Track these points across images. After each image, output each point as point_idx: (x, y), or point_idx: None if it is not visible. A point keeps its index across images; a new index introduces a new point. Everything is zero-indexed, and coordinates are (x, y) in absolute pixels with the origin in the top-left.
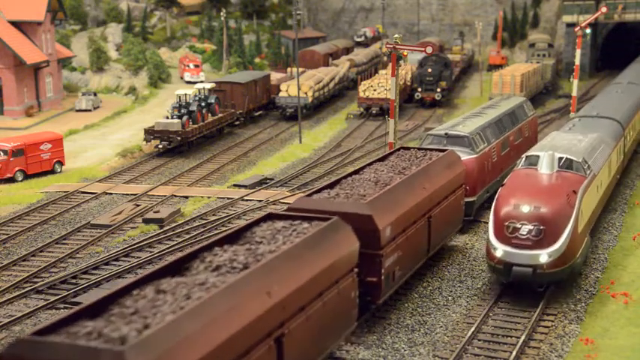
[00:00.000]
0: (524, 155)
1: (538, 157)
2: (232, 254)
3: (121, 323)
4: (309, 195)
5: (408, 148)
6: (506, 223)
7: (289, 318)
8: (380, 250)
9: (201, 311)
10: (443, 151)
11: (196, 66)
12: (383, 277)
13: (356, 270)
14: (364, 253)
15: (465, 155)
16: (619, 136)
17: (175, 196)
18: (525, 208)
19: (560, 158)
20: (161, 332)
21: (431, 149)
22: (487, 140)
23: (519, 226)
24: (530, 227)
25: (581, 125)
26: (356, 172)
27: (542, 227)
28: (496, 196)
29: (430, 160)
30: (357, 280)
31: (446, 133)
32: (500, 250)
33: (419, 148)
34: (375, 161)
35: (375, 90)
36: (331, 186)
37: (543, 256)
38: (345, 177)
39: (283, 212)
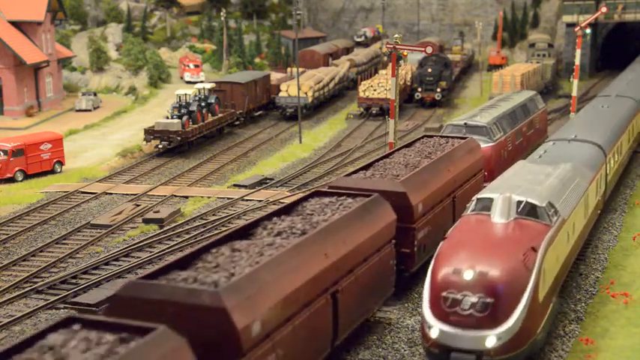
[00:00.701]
0: (475, 197)
1: (491, 200)
2: (290, 222)
3: (209, 273)
4: (348, 175)
5: (431, 136)
6: (444, 294)
7: (342, 277)
8: (413, 224)
9: (273, 265)
10: (463, 138)
11: (196, 66)
12: (416, 249)
13: (394, 241)
14: (399, 227)
15: (483, 143)
16: (599, 164)
17: (175, 196)
18: (468, 274)
19: (519, 202)
20: (244, 280)
21: (452, 137)
22: (503, 130)
23: (460, 297)
24: (474, 299)
25: (554, 151)
26: (386, 156)
27: (489, 300)
28: (435, 254)
29: (452, 147)
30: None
31: (465, 123)
32: (435, 328)
33: (441, 136)
34: (401, 147)
35: (375, 90)
36: (366, 168)
37: (490, 338)
38: (376, 161)
39: (328, 190)
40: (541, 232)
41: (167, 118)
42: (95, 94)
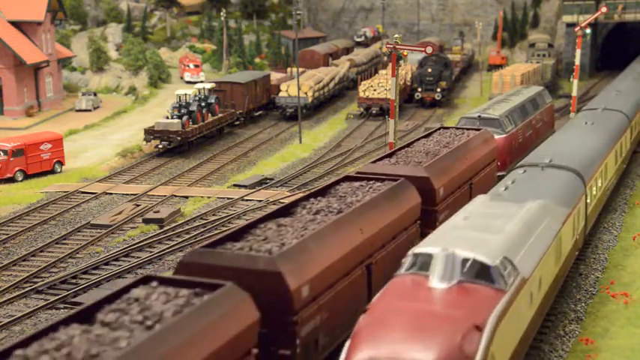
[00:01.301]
0: (411, 252)
1: (430, 256)
2: (327, 203)
3: (261, 243)
4: (374, 162)
5: (447, 128)
6: None
7: (375, 251)
8: (435, 207)
9: (317, 238)
10: (478, 130)
11: (196, 66)
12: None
13: (419, 222)
14: (423, 209)
15: (496, 135)
16: (577, 196)
17: (175, 196)
18: None
19: (465, 260)
20: (294, 249)
21: (467, 128)
22: (514, 122)
23: None
24: None
25: (523, 182)
26: (406, 145)
27: None
28: (352, 333)
29: (468, 137)
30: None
31: (479, 116)
32: None
33: (457, 128)
34: (420, 138)
35: (375, 90)
36: (390, 156)
37: None
38: (398, 149)
39: (356, 174)
40: (491, 301)
41: (167, 118)
42: (95, 94)
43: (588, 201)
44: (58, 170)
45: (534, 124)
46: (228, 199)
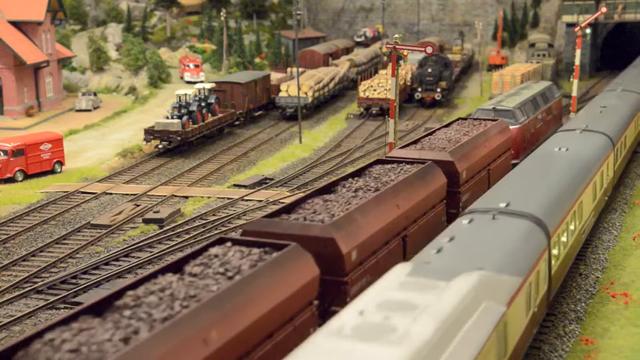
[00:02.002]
0: None
1: None
2: (364, 182)
3: (313, 215)
4: (402, 148)
5: (465, 119)
6: None
7: (409, 225)
8: (459, 189)
9: (361, 211)
10: (495, 120)
11: (196, 66)
12: (460, 209)
13: (445, 201)
14: (448, 190)
15: (510, 125)
16: (535, 257)
17: (175, 196)
18: None
19: None
20: (342, 219)
21: (484, 119)
22: (527, 114)
23: None
24: None
25: (464, 238)
26: (429, 134)
27: None
28: None
29: (486, 127)
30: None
31: (494, 108)
32: None
33: (474, 118)
34: (440, 127)
35: (375, 90)
36: (415, 142)
37: None
38: (420, 138)
39: (387, 158)
40: None
41: (167, 118)
42: (95, 94)
43: (553, 259)
44: (58, 170)
45: (544, 117)
46: (228, 199)
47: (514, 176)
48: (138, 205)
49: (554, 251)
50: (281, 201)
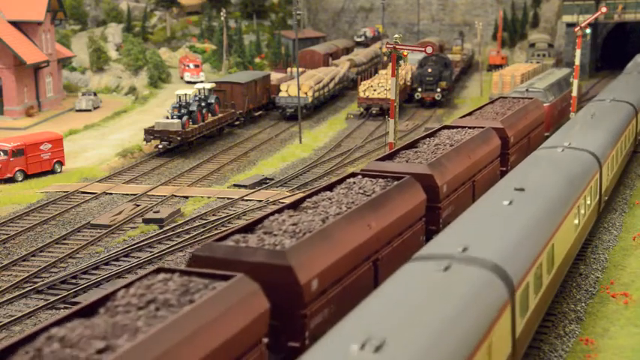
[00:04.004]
0: None
1: None
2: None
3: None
4: (462, 117)
5: (505, 98)
6: None
7: (478, 172)
8: (508, 150)
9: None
10: (530, 98)
11: (196, 66)
12: (509, 167)
13: (499, 158)
14: (501, 152)
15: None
16: (492, 317)
17: (175, 196)
18: None
19: None
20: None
21: (522, 97)
22: (554, 94)
23: None
24: None
25: (409, 296)
26: (478, 109)
27: None
28: None
29: (524, 103)
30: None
31: (527, 89)
32: None
33: (512, 97)
34: (484, 105)
35: (375, 90)
36: (469, 114)
37: None
38: (471, 112)
39: (453, 125)
40: None
41: (167, 118)
42: (95, 94)
43: (517, 318)
44: (58, 170)
45: (567, 98)
46: (228, 199)
47: (470, 217)
48: (138, 205)
49: (518, 310)
50: (281, 201)
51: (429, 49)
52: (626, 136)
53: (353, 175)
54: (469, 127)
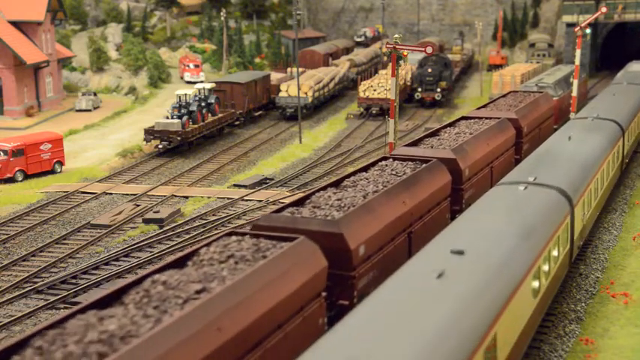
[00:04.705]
0: None
1: None
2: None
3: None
4: (478, 109)
5: (517, 92)
6: None
7: (496, 158)
8: (522, 139)
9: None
10: (541, 92)
11: (196, 66)
12: (522, 155)
13: (514, 147)
14: (516, 141)
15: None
16: None
17: (175, 196)
18: None
19: None
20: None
21: (533, 91)
22: (562, 89)
23: None
24: None
25: None
26: (492, 102)
27: None
28: None
29: (536, 97)
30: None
31: (536, 84)
32: None
33: (524, 91)
34: (497, 98)
35: (375, 90)
36: (484, 106)
37: None
38: (487, 104)
39: (470, 117)
40: None
41: (167, 118)
42: (95, 94)
43: None
44: (58, 170)
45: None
46: (228, 199)
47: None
48: (138, 205)
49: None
50: (281, 201)
51: (429, 49)
52: (609, 162)
53: (384, 158)
54: (486, 118)
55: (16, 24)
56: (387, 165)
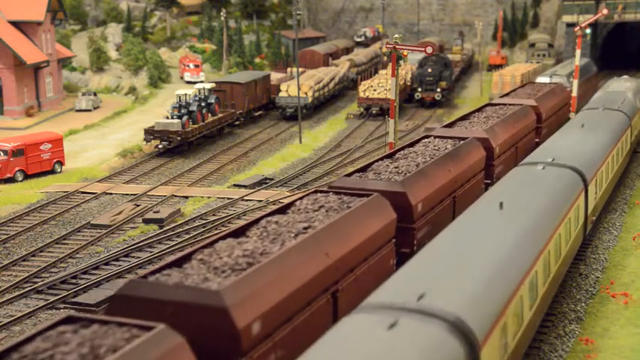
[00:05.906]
0: None
1: None
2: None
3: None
4: (501, 97)
5: (533, 83)
6: None
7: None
8: (541, 124)
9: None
10: (556, 83)
11: (196, 66)
12: (541, 140)
13: (535, 130)
14: (535, 126)
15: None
16: None
17: (175, 196)
18: None
19: None
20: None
21: (549, 83)
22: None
23: None
24: None
25: None
26: (512, 91)
27: None
28: None
29: (551, 87)
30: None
31: (550, 76)
32: None
33: (539, 83)
34: (516, 89)
35: (375, 90)
36: (507, 94)
37: None
38: (509, 92)
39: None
40: None
41: (167, 118)
42: (95, 94)
43: None
44: (58, 170)
45: (586, 84)
46: (228, 199)
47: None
48: (138, 205)
49: None
50: (281, 201)
51: (429, 49)
52: (563, 231)
53: (426, 137)
54: (509, 105)
55: (16, 24)
56: (429, 142)
